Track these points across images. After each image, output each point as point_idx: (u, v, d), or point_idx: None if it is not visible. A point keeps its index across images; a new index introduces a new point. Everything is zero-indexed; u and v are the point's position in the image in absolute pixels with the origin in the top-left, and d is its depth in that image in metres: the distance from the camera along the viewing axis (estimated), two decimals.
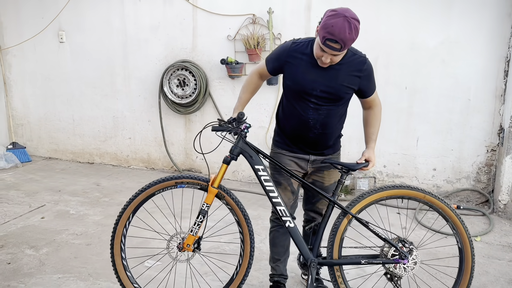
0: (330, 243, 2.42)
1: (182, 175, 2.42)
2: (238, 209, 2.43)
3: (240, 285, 2.46)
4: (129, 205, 2.43)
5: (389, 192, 2.39)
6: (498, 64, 4.21)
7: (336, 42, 2.07)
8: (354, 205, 2.39)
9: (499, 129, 4.31)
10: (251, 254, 2.45)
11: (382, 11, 4.37)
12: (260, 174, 2.38)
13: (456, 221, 2.34)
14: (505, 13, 4.10)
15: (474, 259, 2.37)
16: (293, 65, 2.34)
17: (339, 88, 2.32)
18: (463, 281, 2.38)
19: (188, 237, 2.40)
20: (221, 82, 4.95)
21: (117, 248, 2.47)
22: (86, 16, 5.30)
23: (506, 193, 4.17)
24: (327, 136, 2.47)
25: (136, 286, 2.50)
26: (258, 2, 4.62)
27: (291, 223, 2.39)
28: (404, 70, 4.43)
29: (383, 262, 2.39)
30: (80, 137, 5.72)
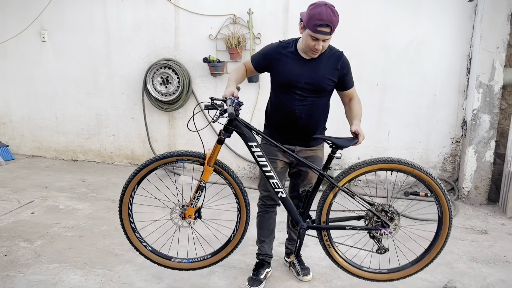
0: (318, 211, 2.65)
1: (182, 152, 2.61)
2: (235, 183, 2.65)
3: (236, 246, 2.76)
4: (134, 177, 2.66)
5: (379, 166, 2.54)
6: (461, 62, 4.57)
7: (326, 26, 2.36)
8: (342, 178, 2.58)
9: (462, 122, 4.67)
10: (247, 221, 2.72)
11: (356, 14, 4.66)
12: (254, 150, 2.55)
13: (440, 193, 2.56)
14: (467, 15, 4.45)
15: (451, 227, 2.62)
16: (280, 61, 2.61)
17: (321, 79, 2.58)
18: (437, 245, 2.65)
19: (189, 209, 2.66)
20: (203, 80, 5.15)
21: (125, 214, 2.72)
22: (68, 16, 5.39)
23: (469, 181, 4.53)
24: (312, 127, 2.71)
25: (144, 244, 2.79)
26: (238, 3, 4.84)
27: (283, 193, 2.62)
28: (376, 68, 4.74)
29: (366, 228, 2.64)
30: (63, 135, 5.82)
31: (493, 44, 4.24)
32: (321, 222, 2.66)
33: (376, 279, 2.76)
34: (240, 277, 3.01)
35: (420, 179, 2.58)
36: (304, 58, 2.60)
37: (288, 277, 3.04)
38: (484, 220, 4.17)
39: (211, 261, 2.81)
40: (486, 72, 4.29)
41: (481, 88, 4.33)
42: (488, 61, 4.27)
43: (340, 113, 2.92)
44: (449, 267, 3.23)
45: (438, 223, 2.66)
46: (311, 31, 2.40)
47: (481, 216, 4.26)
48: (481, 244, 3.64)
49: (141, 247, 2.79)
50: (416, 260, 2.73)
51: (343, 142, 2.53)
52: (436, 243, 2.67)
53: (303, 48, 2.54)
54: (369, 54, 4.71)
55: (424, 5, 4.52)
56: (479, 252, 3.49)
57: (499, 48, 4.23)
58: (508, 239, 3.76)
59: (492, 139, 4.41)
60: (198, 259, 2.83)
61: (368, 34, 4.67)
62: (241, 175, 5.29)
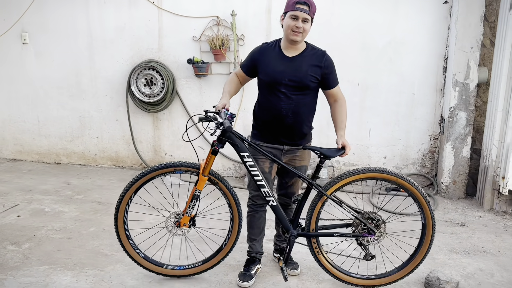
0: (308, 218, 2.77)
1: (180, 162, 2.73)
2: (229, 193, 2.79)
3: (227, 254, 2.91)
4: (132, 186, 2.75)
5: (365, 175, 2.68)
6: (438, 61, 4.74)
7: (304, 3, 2.55)
8: (330, 187, 2.71)
9: (440, 119, 4.84)
10: (239, 230, 2.85)
11: (336, 15, 4.77)
12: (246, 160, 2.68)
13: (423, 201, 2.70)
14: (443, 16, 4.63)
15: (434, 233, 2.76)
16: (265, 60, 2.74)
17: (304, 76, 2.69)
18: (421, 250, 2.79)
19: (184, 218, 2.78)
20: (188, 81, 5.20)
21: (120, 221, 2.82)
22: (49, 18, 5.35)
23: (447, 176, 4.70)
24: (299, 125, 2.80)
25: (137, 251, 2.89)
26: (222, 5, 4.90)
27: (274, 202, 2.74)
28: (356, 68, 4.87)
29: (353, 235, 2.77)
30: (46, 138, 5.77)
31: (468, 44, 4.41)
32: (310, 229, 2.78)
33: (363, 285, 2.88)
34: (231, 273, 3.08)
35: (404, 188, 2.71)
36: (288, 56, 2.71)
37: (277, 272, 3.12)
38: (462, 213, 4.34)
39: (202, 268, 2.95)
40: (462, 71, 4.46)
41: (457, 87, 4.50)
42: (463, 60, 4.45)
43: (325, 112, 3.01)
44: (430, 258, 3.36)
45: (422, 229, 2.79)
46: (290, 11, 2.58)
47: (460, 209, 4.43)
48: (460, 236, 3.80)
49: (134, 254, 2.90)
50: (402, 266, 2.87)
51: (331, 152, 2.67)
52: (420, 249, 2.81)
53: (286, 36, 2.67)
54: (350, 54, 4.83)
55: (402, 6, 4.67)
56: (459, 244, 3.64)
57: (473, 48, 4.41)
58: (485, 230, 3.93)
59: (468, 135, 4.59)
60: (189, 266, 2.96)
61: (348, 35, 4.79)
62: (227, 174, 5.35)
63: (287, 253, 2.80)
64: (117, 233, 2.85)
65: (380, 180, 2.73)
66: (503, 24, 4.13)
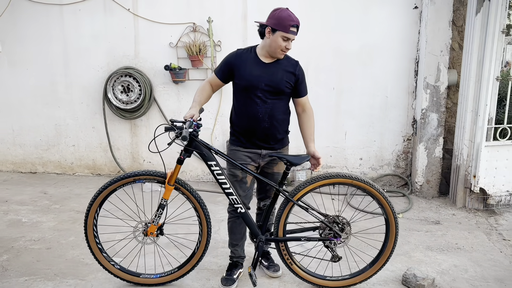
0: (276, 224, 2.84)
1: (140, 172, 2.75)
2: (193, 197, 2.83)
3: (201, 258, 2.93)
4: (95, 201, 2.77)
5: (323, 182, 2.79)
6: (409, 65, 4.89)
7: (296, 26, 2.66)
8: (296, 193, 2.79)
9: (412, 121, 4.99)
10: (209, 233, 2.88)
11: (310, 22, 4.86)
12: (213, 169, 2.75)
13: (380, 197, 2.82)
14: (413, 21, 4.78)
15: (398, 226, 2.86)
16: (241, 65, 2.79)
17: (280, 81, 2.78)
18: (389, 244, 2.88)
19: (151, 227, 2.80)
20: (165, 87, 5.21)
21: (91, 236, 2.83)
22: (23, 26, 5.28)
23: (421, 176, 4.85)
24: (275, 129, 2.87)
25: (112, 263, 2.91)
26: (198, 12, 4.94)
27: (242, 209, 2.80)
28: (331, 73, 4.98)
29: (319, 239, 2.86)
30: (21, 147, 5.67)
31: (438, 48, 4.58)
32: (278, 234, 2.85)
33: (340, 286, 2.96)
34: (213, 278, 3.11)
35: (360, 188, 2.84)
36: (264, 62, 2.79)
37: (259, 275, 3.15)
38: (436, 211, 4.48)
39: (178, 275, 2.97)
40: (432, 74, 4.62)
41: (429, 89, 4.66)
42: (433, 63, 4.60)
43: None
44: (407, 256, 3.47)
45: (386, 224, 2.89)
46: (284, 32, 2.64)
47: (434, 208, 4.58)
48: (435, 234, 3.92)
49: (109, 266, 2.92)
50: (374, 261, 2.95)
51: (297, 160, 2.77)
52: (387, 242, 2.90)
53: (272, 51, 2.73)
54: (325, 59, 4.94)
55: (374, 12, 4.81)
56: (434, 241, 3.76)
57: (443, 51, 4.57)
58: (458, 227, 4.07)
59: (440, 136, 4.75)
60: (166, 273, 2.98)
61: (322, 40, 4.90)
62: (207, 179, 5.37)
63: (255, 258, 2.86)
64: (89, 247, 2.86)
65: (337, 184, 2.82)
66: (470, 28, 4.30)
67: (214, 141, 5.25)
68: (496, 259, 3.43)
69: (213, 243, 3.64)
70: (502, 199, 4.44)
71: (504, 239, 3.80)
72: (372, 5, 4.79)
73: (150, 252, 3.27)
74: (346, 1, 4.81)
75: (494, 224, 4.13)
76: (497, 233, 3.93)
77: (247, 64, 2.78)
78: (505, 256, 3.47)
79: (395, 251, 3.46)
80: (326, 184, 2.81)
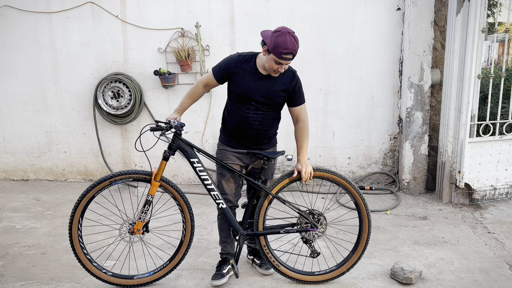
0: (255, 219, 2.97)
1: (116, 173, 2.85)
2: (178, 195, 2.94)
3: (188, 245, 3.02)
4: (76, 211, 2.83)
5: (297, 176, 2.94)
6: (394, 65, 5.01)
7: (290, 53, 2.62)
8: (274, 186, 2.95)
9: (398, 120, 5.11)
10: (192, 231, 2.99)
11: (296, 25, 4.97)
12: (195, 166, 2.89)
13: (346, 185, 2.97)
14: (396, 22, 4.91)
15: (369, 213, 2.99)
16: (240, 74, 2.83)
17: (275, 94, 2.84)
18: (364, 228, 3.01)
19: (137, 223, 2.88)
20: (155, 92, 5.27)
21: (78, 248, 2.89)
22: (11, 34, 5.31)
23: (408, 173, 4.96)
24: (265, 133, 2.97)
25: (104, 271, 2.95)
26: (186, 17, 5.02)
27: (223, 204, 2.93)
28: (318, 75, 5.08)
29: (297, 230, 3.00)
30: (12, 155, 5.69)
31: (421, 48, 4.70)
32: (258, 229, 2.97)
33: (330, 278, 3.07)
34: (207, 277, 3.17)
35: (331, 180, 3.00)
36: (262, 73, 2.83)
37: (252, 273, 3.24)
38: (423, 207, 4.60)
39: (170, 267, 3.04)
40: (416, 73, 4.75)
41: (413, 88, 4.78)
42: (417, 63, 4.73)
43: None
44: (395, 251, 3.57)
45: (357, 210, 3.03)
46: (276, 57, 2.62)
47: (421, 204, 4.69)
48: (422, 229, 4.03)
49: (101, 274, 2.97)
50: (355, 248, 3.06)
51: (271, 154, 2.95)
52: (363, 227, 3.02)
53: (266, 68, 2.77)
54: (311, 61, 5.04)
55: (358, 14, 4.92)
56: (421, 236, 3.87)
57: (425, 51, 4.70)
58: (445, 222, 4.18)
59: (425, 134, 4.87)
60: (158, 269, 3.05)
61: (309, 43, 4.99)
62: (198, 182, 5.42)
63: (237, 252, 2.96)
64: (78, 259, 2.91)
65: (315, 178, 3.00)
66: (451, 28, 4.43)
67: (205, 144, 5.32)
68: (481, 251, 3.54)
69: (206, 244, 3.71)
70: (487, 194, 4.57)
71: (488, 232, 3.92)
72: (356, 7, 4.91)
73: (141, 255, 3.33)
74: (331, 5, 4.92)
75: (479, 218, 4.25)
76: (482, 227, 4.05)
77: (245, 74, 2.82)
78: (490, 248, 3.59)
79: (383, 246, 3.61)
80: (299, 179, 2.95)
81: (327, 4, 4.92)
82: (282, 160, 5.26)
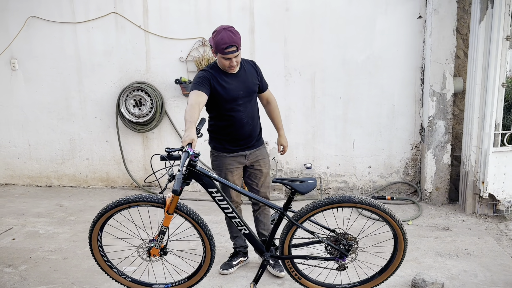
0: (281, 243, 2.83)
1: (136, 197, 2.70)
2: (193, 221, 2.75)
3: (207, 270, 2.92)
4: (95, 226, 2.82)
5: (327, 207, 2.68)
6: (415, 73, 4.95)
7: (232, 46, 2.79)
8: (300, 217, 2.72)
9: (420, 129, 5.04)
10: (212, 249, 2.84)
11: (316, 33, 4.99)
12: (214, 196, 2.73)
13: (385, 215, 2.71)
14: (417, 30, 4.86)
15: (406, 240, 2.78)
16: (217, 82, 2.95)
17: (251, 84, 3.08)
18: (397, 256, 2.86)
19: (153, 249, 2.78)
20: (176, 101, 5.34)
21: (98, 256, 2.93)
22: (38, 44, 5.47)
23: (430, 183, 4.88)
24: (255, 128, 3.18)
25: (124, 277, 3.00)
26: (207, 27, 5.08)
27: (246, 230, 2.82)
28: (338, 83, 5.06)
29: (326, 259, 2.82)
30: (37, 161, 5.83)
31: (443, 56, 4.64)
32: (283, 253, 2.84)
33: None
34: (225, 285, 3.18)
35: (365, 209, 2.71)
36: (233, 73, 3.00)
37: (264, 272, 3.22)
38: (446, 218, 4.50)
39: (188, 284, 2.98)
40: (438, 81, 4.68)
41: (435, 97, 4.71)
42: (439, 71, 4.67)
43: (309, 127, 3.19)
44: (416, 262, 3.51)
45: (394, 239, 2.83)
46: (221, 54, 2.82)
47: (443, 214, 4.60)
48: (445, 240, 3.95)
49: (121, 280, 3.00)
50: (383, 270, 2.94)
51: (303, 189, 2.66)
52: (395, 256, 2.86)
53: (221, 67, 2.96)
54: (331, 70, 5.03)
55: (379, 23, 4.90)
56: (443, 247, 3.79)
57: (448, 59, 4.64)
58: (468, 233, 4.09)
59: (448, 143, 4.78)
60: (176, 283, 3.01)
61: (328, 51, 4.99)
62: None
63: (259, 274, 2.88)
64: (99, 266, 2.95)
65: (340, 207, 2.71)
66: (474, 36, 4.36)
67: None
68: (506, 264, 3.44)
69: (224, 251, 3.71)
70: None
71: None
72: (377, 16, 4.88)
73: (160, 263, 3.34)
74: (351, 14, 4.91)
75: (504, 230, 4.14)
76: (507, 239, 3.94)
77: (221, 79, 2.96)
78: None
79: (404, 257, 3.51)
80: (329, 208, 2.72)
81: (347, 13, 4.91)
82: (301, 169, 5.24)
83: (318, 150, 5.19)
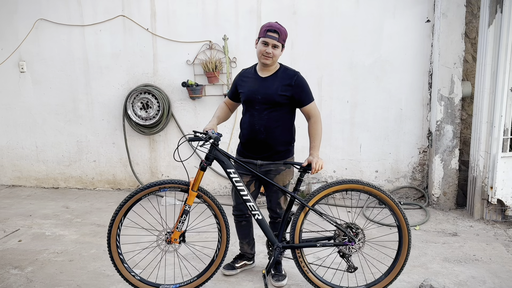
0: (291, 231, 2.92)
1: (165, 180, 2.87)
2: (214, 205, 2.93)
3: (219, 265, 3.00)
4: (120, 210, 2.85)
5: (336, 187, 2.87)
6: (423, 78, 4.92)
7: (274, 31, 2.83)
8: (310, 199, 2.88)
9: (428, 133, 5.01)
10: (228, 240, 2.98)
11: (323, 37, 4.97)
12: (232, 176, 2.89)
13: (391, 203, 2.86)
14: (425, 34, 4.83)
15: (410, 233, 2.88)
16: (242, 82, 3.09)
17: (274, 93, 2.93)
18: (402, 252, 2.90)
19: (174, 233, 2.88)
20: (182, 103, 5.34)
21: (113, 246, 2.90)
22: (46, 46, 5.51)
23: (438, 188, 4.84)
24: (273, 141, 3.00)
25: (133, 274, 2.97)
26: (214, 30, 5.09)
27: (259, 215, 2.91)
28: (345, 87, 5.04)
29: (334, 244, 2.92)
30: (44, 163, 5.86)
31: (451, 60, 4.61)
32: (294, 241, 2.92)
33: None
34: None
35: (371, 194, 2.90)
36: (261, 76, 2.99)
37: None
38: (454, 223, 4.46)
39: (198, 283, 3.01)
40: (446, 86, 4.65)
41: (443, 101, 4.68)
42: (447, 76, 4.63)
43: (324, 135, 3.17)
44: (424, 267, 3.47)
45: (398, 232, 2.91)
46: (262, 36, 2.86)
47: (451, 219, 4.56)
48: (452, 245, 3.91)
49: (130, 277, 2.98)
50: (388, 271, 2.97)
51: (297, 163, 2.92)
52: (401, 250, 2.91)
53: (258, 58, 2.93)
54: (338, 73, 5.02)
55: (386, 26, 4.88)
56: (451, 253, 3.75)
57: (456, 63, 4.61)
58: (476, 239, 4.04)
59: (456, 148, 4.75)
60: (184, 283, 3.03)
61: (335, 55, 4.98)
62: (223, 193, 5.45)
63: (270, 263, 2.96)
64: (111, 257, 2.93)
65: (349, 190, 2.91)
66: (483, 40, 4.33)
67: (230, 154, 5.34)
68: None
69: (230, 255, 3.69)
70: None
71: None
72: (385, 20, 4.87)
73: (169, 264, 3.35)
74: (359, 18, 4.90)
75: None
76: None
77: (247, 80, 3.05)
78: None
79: (411, 263, 3.50)
80: (338, 190, 2.88)
81: (355, 16, 4.90)
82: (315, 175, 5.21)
83: (324, 153, 5.17)
